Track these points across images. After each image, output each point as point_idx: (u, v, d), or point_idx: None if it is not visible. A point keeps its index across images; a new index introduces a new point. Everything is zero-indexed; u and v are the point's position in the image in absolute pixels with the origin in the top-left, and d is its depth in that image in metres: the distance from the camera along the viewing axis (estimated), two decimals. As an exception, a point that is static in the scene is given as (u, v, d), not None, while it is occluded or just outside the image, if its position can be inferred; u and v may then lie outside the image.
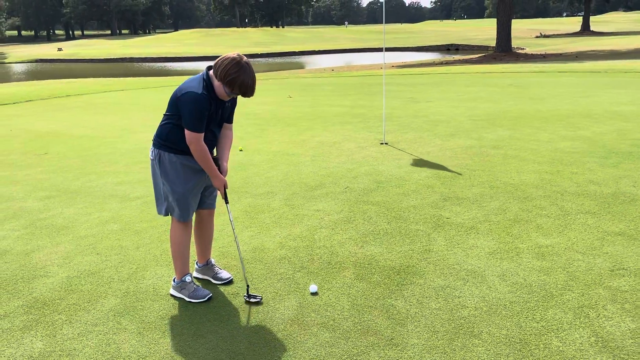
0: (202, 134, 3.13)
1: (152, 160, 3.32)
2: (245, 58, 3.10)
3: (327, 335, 2.99)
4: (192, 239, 3.59)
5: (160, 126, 3.27)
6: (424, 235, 4.26)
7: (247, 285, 3.43)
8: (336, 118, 9.92)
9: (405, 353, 2.80)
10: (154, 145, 3.30)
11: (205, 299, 3.41)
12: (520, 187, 5.31)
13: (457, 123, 8.85)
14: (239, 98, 3.32)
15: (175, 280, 3.47)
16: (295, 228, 4.54)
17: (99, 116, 11.42)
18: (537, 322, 3.01)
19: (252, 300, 3.35)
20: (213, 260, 3.74)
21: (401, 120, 9.32)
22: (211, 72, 3.14)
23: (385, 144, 7.52)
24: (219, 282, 3.64)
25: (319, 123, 9.44)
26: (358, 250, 4.05)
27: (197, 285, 3.49)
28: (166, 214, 3.38)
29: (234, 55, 3.08)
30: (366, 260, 3.88)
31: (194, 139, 3.11)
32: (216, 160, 3.33)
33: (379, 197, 5.24)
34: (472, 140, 7.51)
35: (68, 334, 3.09)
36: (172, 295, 3.49)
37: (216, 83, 3.11)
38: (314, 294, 3.45)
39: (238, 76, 3.03)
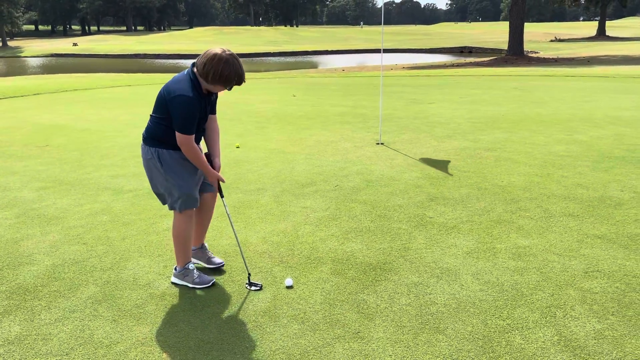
0: (194, 135, 3.18)
1: (148, 159, 3.33)
2: (227, 50, 3.10)
3: (296, 327, 3.05)
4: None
5: (153, 126, 3.28)
6: (405, 234, 4.31)
7: (249, 274, 3.57)
8: (337, 117, 9.97)
9: (369, 346, 2.85)
10: (149, 144, 3.31)
11: (210, 284, 3.51)
12: (508, 189, 5.33)
13: (456, 125, 8.86)
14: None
15: (177, 268, 3.55)
16: (280, 224, 4.61)
17: (103, 110, 11.58)
18: (503, 320, 3.04)
19: (253, 288, 3.47)
20: (207, 245, 3.83)
21: (400, 121, 9.35)
22: (196, 69, 3.15)
23: (381, 144, 7.57)
24: (212, 266, 3.73)
25: (319, 122, 9.50)
26: (338, 247, 4.10)
27: (199, 272, 3.57)
28: (172, 209, 3.42)
29: (218, 52, 3.09)
30: (345, 256, 3.94)
31: (185, 141, 3.15)
32: (208, 157, 3.39)
33: (367, 195, 5.28)
34: (467, 142, 7.53)
35: (45, 319, 3.18)
36: (173, 283, 3.56)
37: (203, 81, 3.12)
38: (289, 287, 3.51)
39: (230, 72, 3.05)
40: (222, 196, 3.53)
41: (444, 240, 4.15)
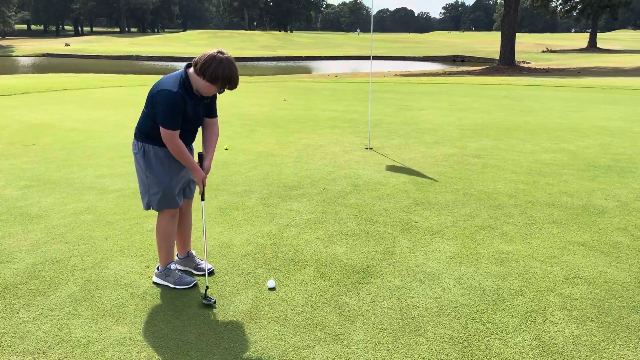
0: (177, 132, 3.17)
1: (135, 153, 3.36)
2: (225, 53, 3.13)
3: (276, 328, 3.04)
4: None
5: (142, 121, 3.31)
6: (390, 238, 4.31)
7: (207, 287, 3.43)
8: (327, 122, 9.98)
9: (349, 348, 2.84)
10: (137, 138, 3.34)
11: (191, 285, 3.49)
12: (493, 196, 5.35)
13: (445, 132, 8.91)
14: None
15: (160, 268, 3.53)
16: (266, 226, 4.60)
17: (92, 110, 11.51)
18: (483, 325, 3.05)
19: (205, 302, 3.29)
20: (194, 252, 3.79)
21: (390, 127, 9.38)
22: (191, 70, 3.16)
23: (370, 149, 7.58)
24: (201, 273, 3.68)
25: (309, 126, 9.51)
26: (323, 250, 4.10)
27: (181, 273, 3.55)
28: (148, 208, 3.41)
29: (214, 52, 3.11)
30: (329, 259, 3.93)
31: (168, 136, 3.15)
32: (200, 157, 3.37)
33: (354, 199, 5.29)
34: (455, 148, 7.56)
35: (24, 317, 3.14)
36: (155, 283, 3.54)
37: (197, 80, 3.13)
38: (272, 289, 3.50)
39: (220, 71, 3.05)
40: (202, 199, 3.47)
41: (428, 245, 4.16)
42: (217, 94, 3.27)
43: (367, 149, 7.59)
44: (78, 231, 4.45)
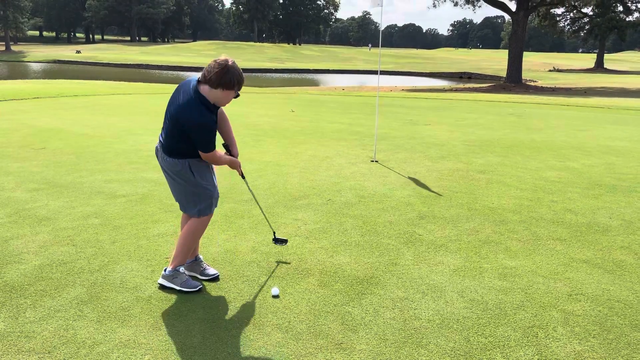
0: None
1: (178, 171, 3.40)
2: (230, 59, 3.26)
3: (279, 335, 3.06)
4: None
5: (174, 143, 3.34)
6: (394, 250, 4.34)
7: (274, 232, 4.17)
8: (333, 134, 10.05)
9: (351, 357, 2.86)
10: (175, 157, 3.38)
11: (197, 289, 3.54)
12: (498, 211, 5.38)
13: (450, 147, 8.95)
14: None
15: (168, 270, 3.56)
16: (271, 235, 4.63)
17: (101, 116, 11.63)
18: (486, 338, 3.07)
19: (279, 244, 3.99)
20: (201, 257, 3.84)
21: (396, 141, 9.44)
22: (203, 87, 3.24)
23: (376, 161, 7.63)
24: (206, 278, 3.72)
25: (316, 138, 9.57)
26: (327, 259, 4.12)
27: (188, 276, 3.60)
28: (201, 215, 3.53)
29: (220, 63, 3.21)
30: (333, 268, 3.96)
31: (210, 156, 3.36)
32: (227, 147, 3.60)
33: (358, 210, 5.32)
34: (461, 163, 7.60)
35: (30, 317, 3.18)
36: (160, 284, 3.57)
37: (215, 93, 3.23)
38: (276, 297, 3.52)
39: (234, 77, 3.20)
40: (243, 177, 3.81)
41: (432, 258, 4.18)
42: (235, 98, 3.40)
43: (372, 161, 7.64)
44: (85, 234, 4.50)
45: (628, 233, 4.84)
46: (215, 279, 3.73)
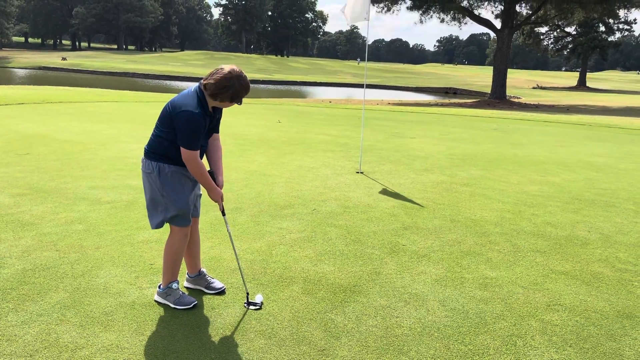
0: (198, 151, 3.21)
1: (148, 173, 3.31)
2: (235, 71, 3.22)
3: (262, 342, 3.09)
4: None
5: (156, 141, 3.28)
6: (377, 259, 4.39)
7: (247, 293, 3.55)
8: (319, 145, 10.12)
9: (333, 364, 2.89)
10: (150, 158, 3.30)
11: (191, 305, 3.44)
12: (480, 223, 5.47)
13: (435, 160, 9.07)
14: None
15: (161, 287, 3.48)
16: (256, 243, 4.66)
17: (87, 123, 11.58)
18: (465, 346, 3.12)
19: (252, 307, 3.46)
20: (205, 270, 3.76)
21: (381, 153, 9.54)
22: (203, 88, 3.22)
23: (361, 173, 7.71)
24: (213, 292, 3.66)
25: (302, 148, 9.64)
26: (311, 268, 4.16)
27: (182, 292, 3.53)
28: (159, 227, 3.40)
29: (229, 70, 3.21)
30: (316, 277, 3.99)
31: (190, 157, 3.17)
32: (211, 174, 3.40)
33: (343, 220, 5.37)
34: (444, 176, 7.71)
35: (12, 321, 3.16)
36: (156, 301, 3.49)
37: (207, 97, 3.20)
38: (259, 304, 3.54)
39: (236, 88, 3.18)
40: (223, 214, 3.55)
41: (415, 267, 4.24)
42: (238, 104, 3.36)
43: (358, 172, 7.71)
44: (69, 240, 4.49)
45: (606, 246, 4.95)
46: (221, 292, 3.67)
